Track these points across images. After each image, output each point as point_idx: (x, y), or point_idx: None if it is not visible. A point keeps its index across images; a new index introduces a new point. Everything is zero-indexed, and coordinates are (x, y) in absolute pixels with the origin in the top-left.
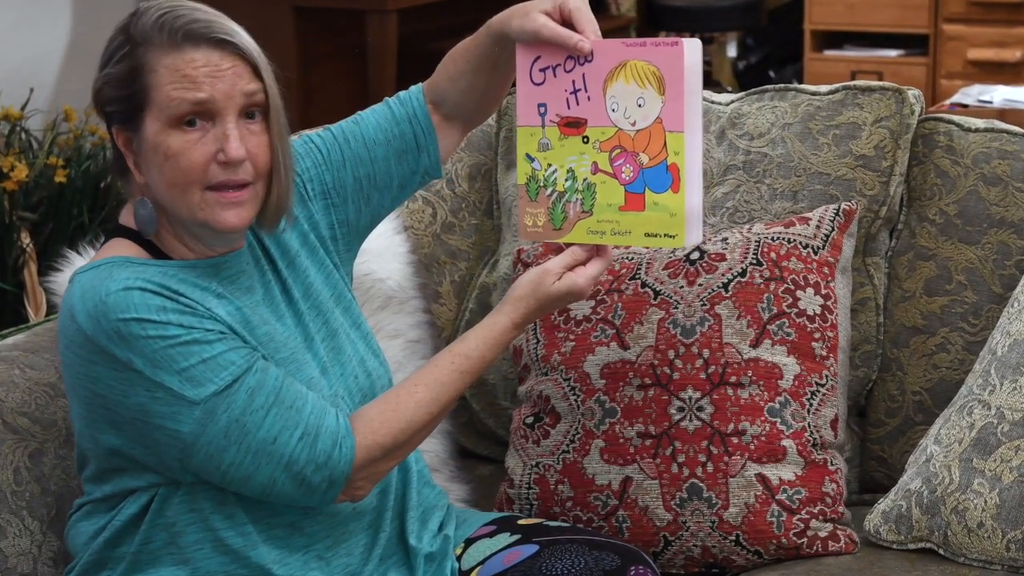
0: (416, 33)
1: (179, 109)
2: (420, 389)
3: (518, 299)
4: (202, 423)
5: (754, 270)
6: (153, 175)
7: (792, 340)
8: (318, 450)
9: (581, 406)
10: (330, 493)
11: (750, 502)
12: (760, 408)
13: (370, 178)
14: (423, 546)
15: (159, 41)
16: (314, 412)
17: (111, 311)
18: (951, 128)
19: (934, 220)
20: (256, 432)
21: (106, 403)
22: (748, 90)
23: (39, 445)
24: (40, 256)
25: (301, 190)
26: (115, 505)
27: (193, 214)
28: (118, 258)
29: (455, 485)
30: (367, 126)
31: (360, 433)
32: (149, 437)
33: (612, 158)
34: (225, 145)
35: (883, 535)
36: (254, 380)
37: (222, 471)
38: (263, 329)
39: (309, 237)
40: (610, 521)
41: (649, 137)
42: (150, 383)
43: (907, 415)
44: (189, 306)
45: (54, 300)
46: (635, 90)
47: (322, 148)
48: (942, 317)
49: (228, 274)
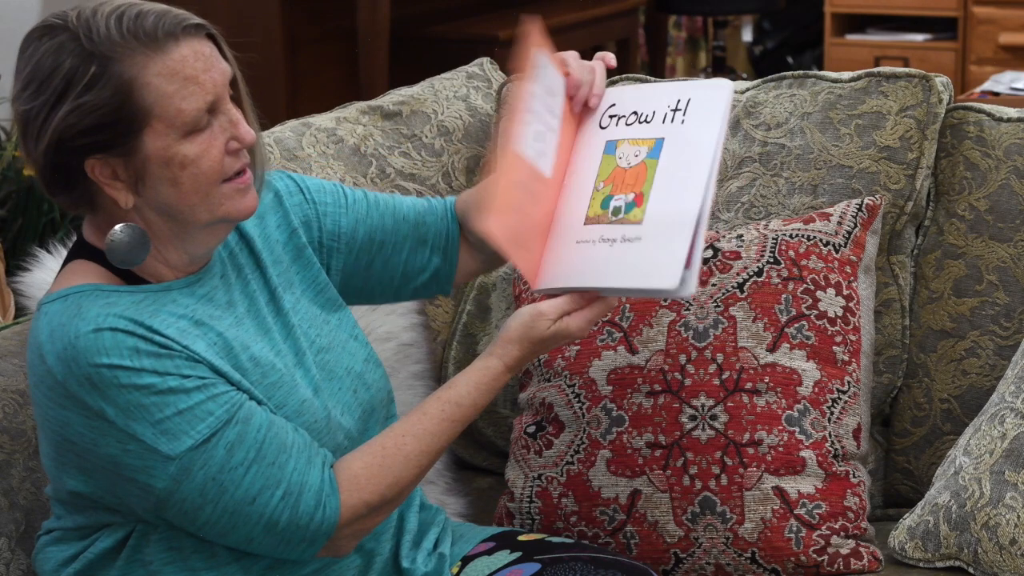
0: (409, 16)
1: (192, 118)
2: (409, 441)
3: (509, 341)
4: (177, 480)
5: (771, 269)
6: (162, 191)
7: (812, 344)
8: (300, 511)
9: (586, 414)
10: (310, 551)
11: (767, 517)
12: (778, 417)
13: (383, 247)
14: (417, 567)
15: (135, 48)
16: (297, 468)
17: (82, 355)
18: (981, 118)
19: (963, 216)
20: (234, 491)
21: (75, 449)
22: (765, 77)
23: (7, 456)
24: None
25: (311, 217)
26: (88, 535)
27: (213, 213)
28: (87, 286)
29: (452, 498)
30: (401, 203)
31: (345, 491)
32: (121, 488)
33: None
34: (236, 132)
35: (909, 552)
36: (234, 433)
37: (197, 527)
38: (247, 355)
39: (306, 251)
40: (617, 537)
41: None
42: (122, 434)
43: (934, 424)
44: (166, 346)
45: (22, 301)
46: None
47: (348, 196)
48: (972, 320)
49: (204, 291)
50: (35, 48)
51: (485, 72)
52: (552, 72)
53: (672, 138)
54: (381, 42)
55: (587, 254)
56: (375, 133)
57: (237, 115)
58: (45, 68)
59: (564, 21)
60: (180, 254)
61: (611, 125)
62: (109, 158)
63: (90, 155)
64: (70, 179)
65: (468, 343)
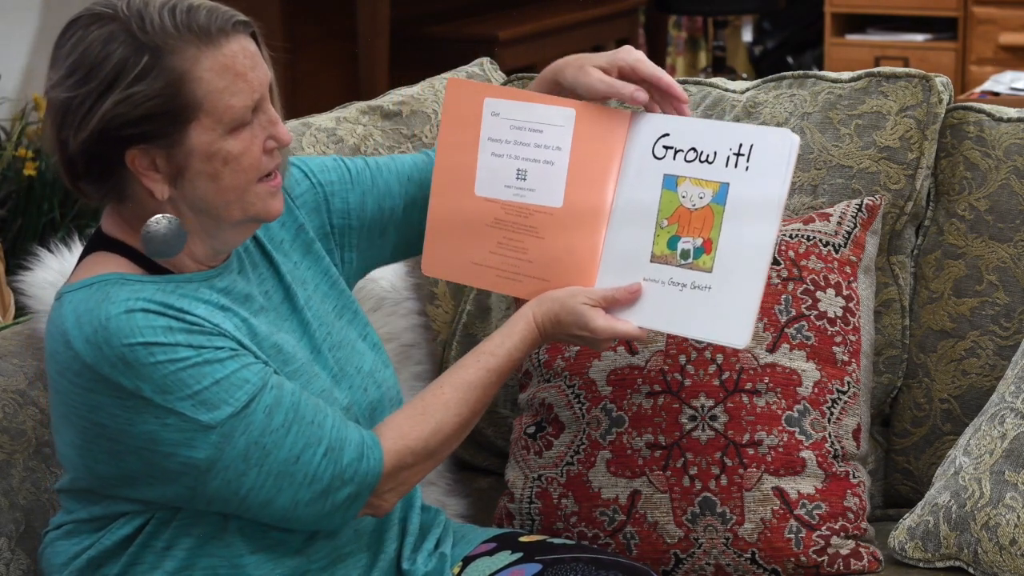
0: (409, 16)
1: (240, 114)
2: (447, 390)
3: (543, 299)
4: (219, 447)
5: (771, 269)
6: (200, 186)
7: (812, 344)
8: (344, 464)
9: (586, 415)
10: (353, 508)
11: (767, 517)
12: (777, 417)
13: (393, 211)
14: (417, 568)
15: (189, 41)
16: (336, 425)
17: (114, 336)
18: (981, 118)
19: (963, 216)
20: (277, 452)
21: (107, 433)
22: (764, 77)
23: (7, 456)
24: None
25: (320, 200)
26: (103, 526)
27: (246, 211)
28: (111, 275)
29: (452, 499)
30: (403, 163)
31: (389, 439)
32: (157, 466)
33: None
34: (275, 131)
35: (909, 552)
36: (271, 397)
37: (240, 496)
38: (270, 341)
39: (314, 245)
40: (617, 538)
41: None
42: (160, 410)
43: (934, 424)
44: (196, 324)
45: (23, 301)
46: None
47: (351, 169)
48: (972, 320)
49: (224, 285)
50: (81, 36)
51: (485, 72)
52: (521, 109)
53: (737, 185)
54: (381, 42)
55: (657, 295)
56: (375, 133)
57: (276, 115)
58: (93, 56)
59: (564, 21)
60: (206, 248)
61: (667, 157)
62: (151, 149)
63: (133, 145)
64: (106, 169)
65: (468, 343)
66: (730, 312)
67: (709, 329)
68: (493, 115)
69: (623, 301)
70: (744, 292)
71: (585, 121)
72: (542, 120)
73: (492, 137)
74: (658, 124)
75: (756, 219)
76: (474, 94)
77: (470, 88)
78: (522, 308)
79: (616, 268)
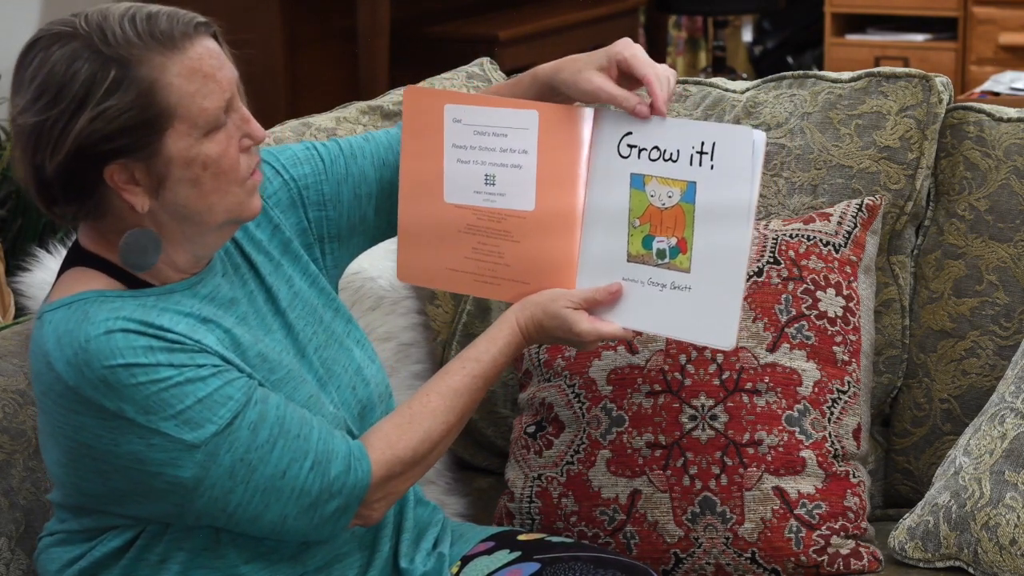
0: (409, 16)
1: (214, 116)
2: (434, 398)
3: (526, 303)
4: (204, 466)
5: (771, 269)
6: (181, 193)
7: (812, 344)
8: (331, 477)
9: (586, 414)
10: (343, 520)
11: (767, 517)
12: (777, 417)
13: (370, 197)
14: (415, 567)
15: (154, 49)
16: (322, 438)
17: (94, 359)
18: (981, 118)
19: (963, 216)
20: (263, 468)
21: (92, 453)
22: (765, 77)
23: (7, 456)
24: (8, 255)
25: (294, 195)
26: (94, 536)
27: (230, 213)
28: (90, 293)
29: (451, 498)
30: (378, 144)
31: (377, 449)
32: (144, 485)
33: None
34: (248, 129)
35: (909, 552)
36: (255, 413)
37: (228, 513)
38: (255, 350)
39: (292, 244)
40: (617, 537)
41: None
42: (144, 430)
43: (934, 424)
44: (178, 342)
45: (23, 301)
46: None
47: (325, 158)
48: (972, 320)
49: (207, 291)
50: (44, 57)
51: (485, 72)
52: (483, 114)
53: (705, 184)
54: (381, 42)
55: (638, 295)
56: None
57: (247, 113)
58: (60, 76)
59: (564, 21)
60: (187, 256)
61: (632, 156)
62: (130, 163)
63: (111, 161)
64: (85, 188)
65: (468, 343)
66: (712, 313)
67: (693, 330)
68: (455, 121)
69: (604, 302)
70: (724, 293)
71: (550, 122)
72: (506, 124)
73: (456, 144)
74: (622, 122)
75: (728, 219)
76: (434, 101)
77: (429, 96)
78: (506, 313)
79: (595, 269)
